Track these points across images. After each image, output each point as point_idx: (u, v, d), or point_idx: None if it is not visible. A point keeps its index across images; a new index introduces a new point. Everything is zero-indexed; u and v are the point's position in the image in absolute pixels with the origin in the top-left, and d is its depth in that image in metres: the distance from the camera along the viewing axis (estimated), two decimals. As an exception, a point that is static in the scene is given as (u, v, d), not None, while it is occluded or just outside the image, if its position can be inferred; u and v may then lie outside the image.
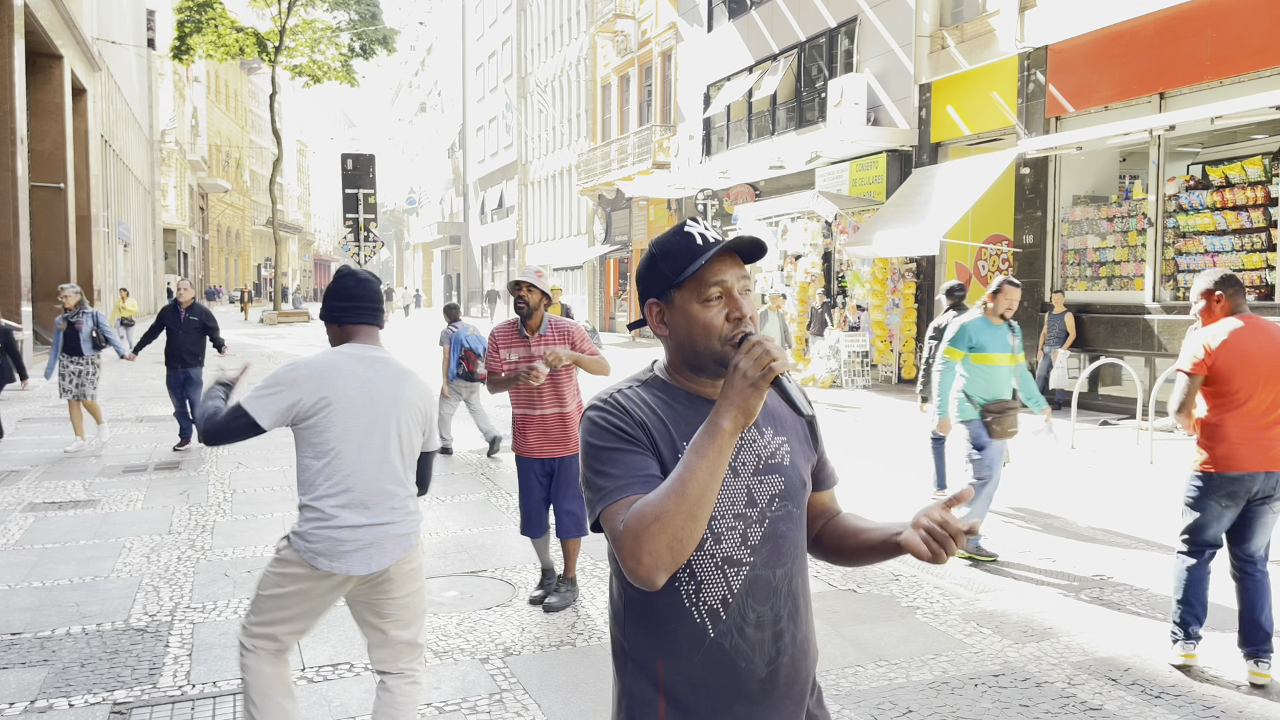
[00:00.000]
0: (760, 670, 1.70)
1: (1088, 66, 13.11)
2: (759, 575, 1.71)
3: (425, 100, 70.99)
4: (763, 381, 1.53)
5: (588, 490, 1.66)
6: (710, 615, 1.68)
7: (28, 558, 6.16)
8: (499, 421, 11.08)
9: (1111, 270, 13.26)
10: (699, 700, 1.69)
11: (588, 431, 1.69)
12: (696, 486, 1.52)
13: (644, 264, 1.77)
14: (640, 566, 1.53)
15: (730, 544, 1.69)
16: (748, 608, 1.69)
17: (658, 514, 1.52)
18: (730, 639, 1.68)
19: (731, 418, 1.54)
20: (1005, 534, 6.76)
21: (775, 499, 1.74)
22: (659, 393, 1.74)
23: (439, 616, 5.09)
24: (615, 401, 1.71)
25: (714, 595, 1.68)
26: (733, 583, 1.69)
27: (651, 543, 1.52)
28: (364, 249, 15.48)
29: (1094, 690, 4.14)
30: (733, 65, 22.76)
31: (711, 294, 1.69)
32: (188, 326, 9.98)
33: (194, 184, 55.91)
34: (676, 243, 1.72)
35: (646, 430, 1.68)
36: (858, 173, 17.96)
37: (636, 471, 1.63)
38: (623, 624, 1.76)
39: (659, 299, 1.75)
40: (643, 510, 1.54)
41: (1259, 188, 11.12)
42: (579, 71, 35.88)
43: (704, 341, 1.69)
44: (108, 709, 3.97)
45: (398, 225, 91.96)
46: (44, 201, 21.47)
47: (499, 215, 48.35)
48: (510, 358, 5.18)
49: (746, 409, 1.54)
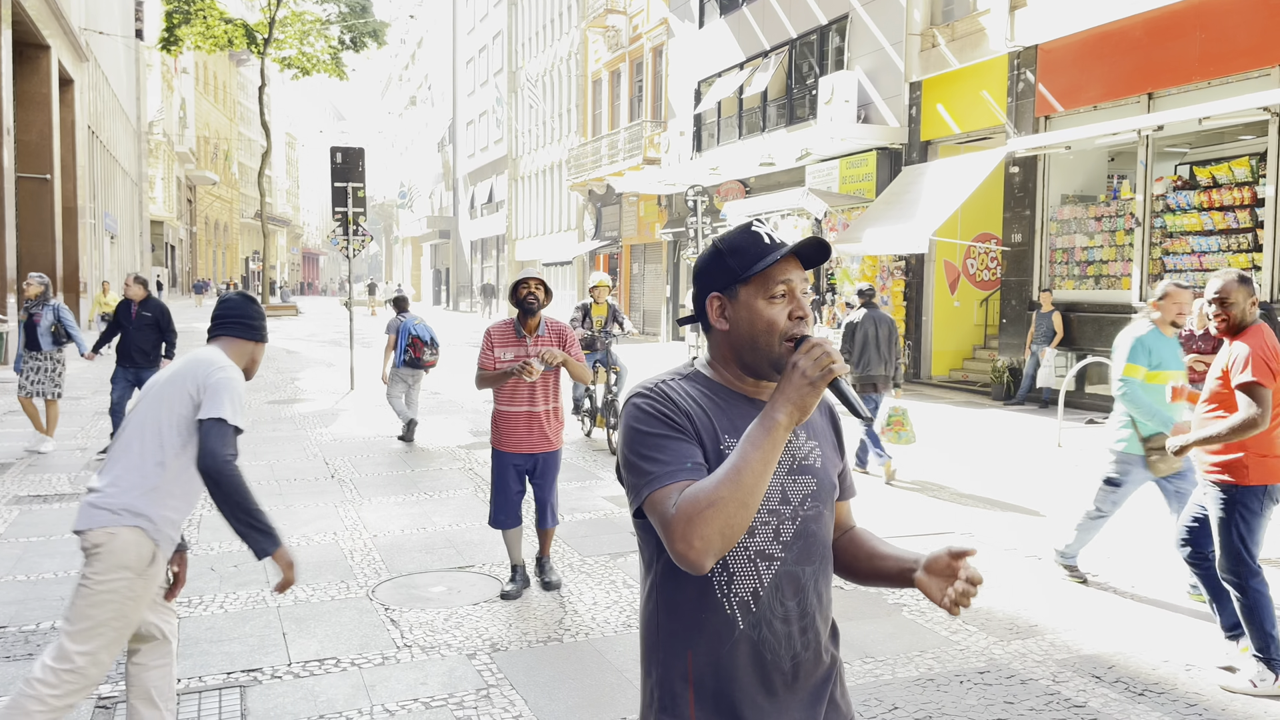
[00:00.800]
0: (785, 664, 1.74)
1: (1077, 66, 13.16)
2: (789, 571, 1.75)
3: (415, 94, 70.73)
4: (821, 381, 1.58)
5: (631, 475, 1.68)
6: (741, 607, 1.72)
7: (12, 551, 6.12)
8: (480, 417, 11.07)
9: (1099, 269, 13.32)
10: (725, 690, 1.73)
11: (634, 418, 1.72)
12: (751, 476, 1.56)
13: (708, 259, 1.81)
14: (691, 550, 1.55)
15: (763, 538, 1.73)
16: (777, 602, 1.73)
17: (712, 500, 1.55)
18: (759, 631, 1.72)
19: (787, 413, 1.59)
20: (991, 532, 6.79)
21: (808, 499, 1.78)
22: (702, 387, 1.78)
23: (426, 612, 5.09)
24: (661, 391, 1.74)
25: (745, 588, 1.72)
26: (764, 576, 1.73)
27: (704, 527, 1.54)
28: (353, 242, 15.42)
29: (1078, 688, 4.16)
30: (724, 62, 22.76)
31: (777, 291, 1.74)
32: (140, 324, 9.37)
33: (182, 176, 55.60)
34: (745, 240, 1.77)
35: (691, 420, 1.71)
36: (848, 170, 17.99)
37: (684, 458, 1.66)
38: (655, 616, 1.79)
39: (722, 293, 1.78)
40: (697, 495, 1.57)
41: (1246, 188, 11.18)
42: (570, 66, 35.82)
43: (765, 338, 1.74)
44: (92, 704, 3.95)
45: (387, 219, 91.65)
46: (30, 193, 21.31)
47: (489, 210, 48.24)
48: (505, 356, 5.23)
49: (803, 406, 1.59)
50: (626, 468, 1.71)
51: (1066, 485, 8.40)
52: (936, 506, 7.55)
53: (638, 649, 1.87)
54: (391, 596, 5.34)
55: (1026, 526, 6.97)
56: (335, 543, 6.41)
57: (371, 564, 5.94)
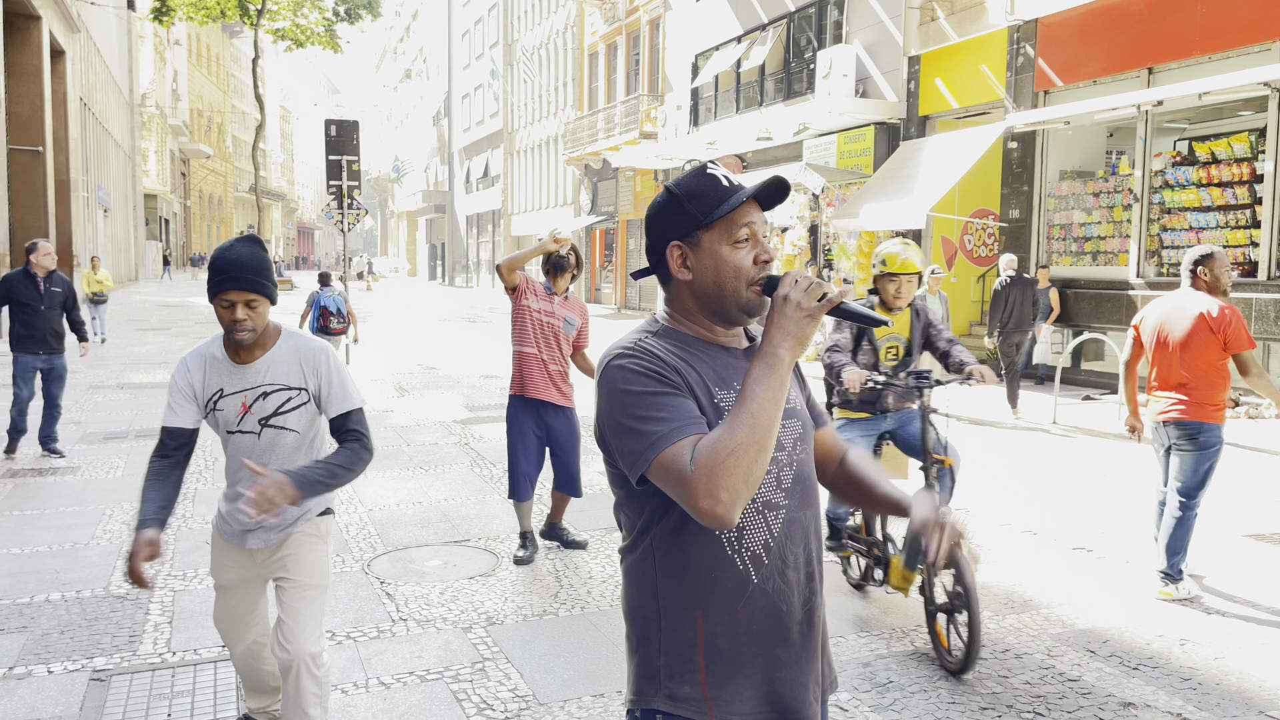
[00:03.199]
0: (798, 612, 1.72)
1: (1077, 40, 13.07)
2: (794, 517, 1.72)
3: (410, 67, 70.21)
4: (819, 310, 1.54)
5: (630, 440, 1.59)
6: (753, 561, 1.67)
7: (7, 524, 6.11)
8: (475, 392, 11.03)
9: (1097, 245, 13.29)
10: (740, 647, 1.68)
11: (621, 380, 1.63)
12: (765, 417, 1.52)
13: (662, 206, 1.73)
14: (719, 504, 1.49)
15: (768, 488, 1.69)
16: (787, 551, 1.71)
17: (731, 448, 1.49)
18: (773, 583, 1.69)
19: (788, 347, 1.55)
20: (986, 507, 6.80)
21: (797, 442, 1.76)
22: (674, 341, 1.71)
23: (422, 585, 5.09)
24: (643, 348, 1.67)
25: (756, 541, 1.68)
26: (773, 526, 1.69)
27: (728, 477, 1.48)
28: (347, 216, 15.36)
29: (1072, 662, 4.17)
30: (721, 35, 22.58)
31: (741, 235, 1.68)
32: (50, 301, 7.97)
33: (175, 149, 55.21)
34: (702, 184, 1.70)
35: (681, 375, 1.65)
36: (845, 145, 17.90)
37: (686, 414, 1.59)
38: (653, 582, 1.71)
39: (683, 241, 1.71)
40: (715, 446, 1.50)
41: (1245, 164, 11.14)
42: (566, 39, 35.53)
43: (732, 284, 1.68)
44: (87, 676, 3.95)
45: (382, 193, 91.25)
46: (22, 165, 21.15)
47: (484, 184, 48.00)
48: (533, 305, 5.46)
49: (802, 337, 1.55)
50: (620, 433, 1.62)
51: (1062, 461, 8.42)
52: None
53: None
54: (387, 570, 5.34)
55: (1021, 502, 6.98)
56: (330, 517, 6.40)
57: (367, 538, 5.93)
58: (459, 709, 3.71)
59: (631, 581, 1.76)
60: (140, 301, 29.45)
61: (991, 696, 3.84)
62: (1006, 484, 7.54)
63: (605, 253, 33.55)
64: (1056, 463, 8.35)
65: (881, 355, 4.86)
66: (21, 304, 7.85)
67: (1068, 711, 3.71)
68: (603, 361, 1.69)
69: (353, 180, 15.31)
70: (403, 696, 3.81)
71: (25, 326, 7.89)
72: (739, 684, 1.68)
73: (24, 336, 7.90)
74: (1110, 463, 8.31)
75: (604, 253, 33.66)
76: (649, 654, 1.73)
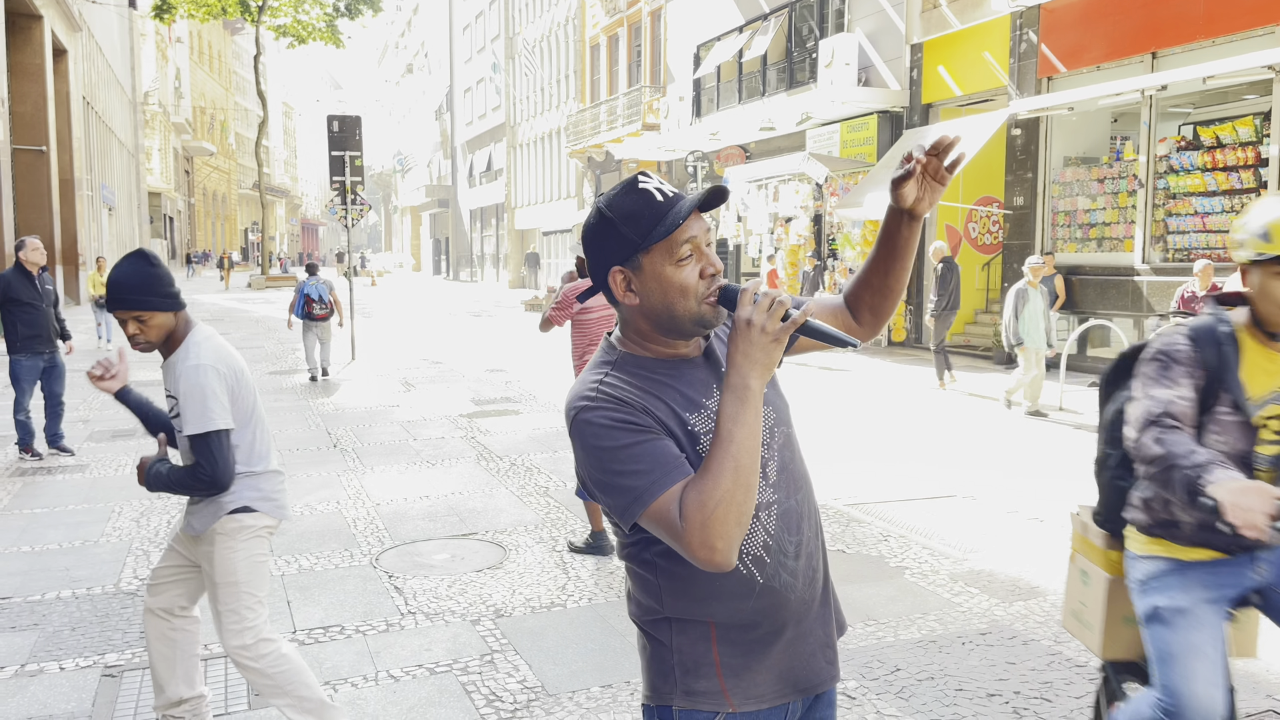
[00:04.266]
0: (805, 594, 1.73)
1: (1080, 26, 13.01)
2: (787, 508, 1.72)
3: (412, 61, 70.13)
4: (784, 333, 1.47)
5: (613, 496, 1.56)
6: (755, 563, 1.67)
7: (17, 522, 6.14)
8: (481, 385, 11.05)
9: (1102, 232, 13.25)
10: (753, 642, 1.70)
11: (593, 436, 1.58)
12: (747, 456, 1.49)
13: (596, 230, 1.64)
14: (715, 553, 1.47)
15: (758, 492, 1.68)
16: (785, 542, 1.70)
17: (719, 498, 1.47)
18: (779, 578, 1.69)
19: (757, 375, 1.49)
20: (993, 494, 6.80)
21: (775, 430, 1.73)
22: (636, 369, 1.65)
23: (430, 579, 5.11)
24: (605, 394, 1.60)
25: (755, 544, 1.67)
26: (768, 525, 1.69)
27: (721, 526, 1.47)
28: (351, 212, 15.38)
29: (1080, 648, 4.18)
30: (723, 25, 22.52)
31: (683, 253, 1.60)
32: (48, 298, 7.89)
33: (178, 147, 55.27)
34: (635, 203, 1.60)
35: (649, 414, 1.59)
36: (848, 134, 17.85)
37: (665, 460, 1.55)
38: (658, 590, 1.70)
39: (624, 265, 1.62)
40: (702, 499, 1.48)
41: (1250, 148, 11.09)
42: (567, 32, 35.46)
43: (682, 304, 1.61)
44: (99, 672, 3.97)
45: (386, 188, 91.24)
46: (26, 164, 21.20)
47: (487, 178, 47.98)
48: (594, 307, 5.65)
49: (769, 363, 1.49)
50: (603, 489, 1.59)
51: (1069, 448, 8.41)
52: (938, 470, 7.55)
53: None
54: (395, 564, 5.36)
55: (1028, 489, 6.97)
56: (338, 511, 6.43)
57: (375, 532, 5.96)
58: (468, 701, 3.73)
59: (636, 582, 1.74)
60: (146, 299, 29.50)
61: (998, 683, 3.85)
62: (1013, 471, 7.54)
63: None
64: (1062, 449, 8.34)
65: (1264, 429, 2.45)
66: (23, 303, 7.67)
67: (1074, 697, 3.72)
68: (569, 412, 1.63)
69: (356, 176, 15.31)
70: (412, 689, 3.83)
71: (29, 326, 7.70)
72: (754, 671, 1.70)
73: (30, 336, 7.72)
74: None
75: (608, 245, 33.61)
76: (662, 653, 1.72)
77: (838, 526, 6.01)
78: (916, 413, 10.19)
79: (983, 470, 7.56)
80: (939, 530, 5.95)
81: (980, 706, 3.66)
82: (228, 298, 31.98)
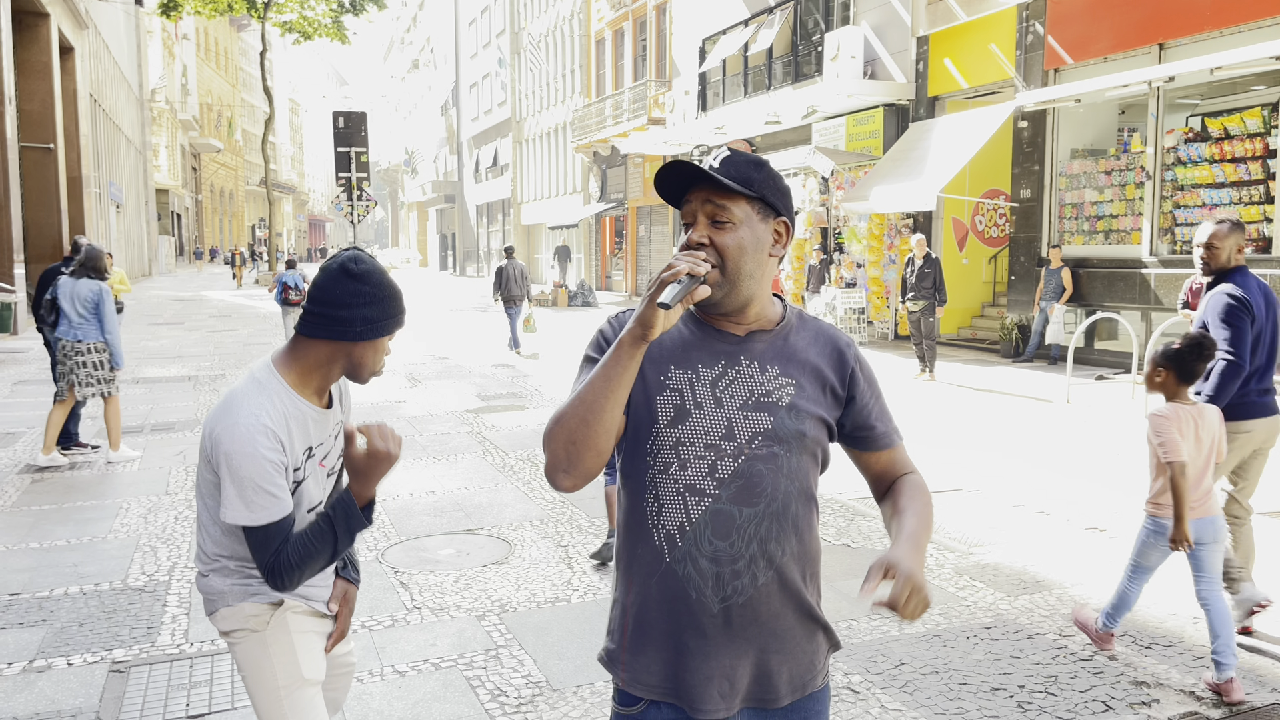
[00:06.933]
0: (713, 605, 1.69)
1: (1087, 17, 12.95)
2: (722, 510, 1.69)
3: (418, 57, 70.10)
4: (653, 292, 1.56)
5: None
6: (667, 540, 1.71)
7: (25, 519, 6.17)
8: (487, 381, 11.04)
9: (1109, 224, 13.20)
10: (654, 621, 1.73)
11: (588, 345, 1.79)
12: (591, 392, 1.60)
13: None
14: (546, 466, 1.65)
15: (695, 473, 1.70)
16: (704, 539, 1.69)
17: (559, 417, 1.63)
18: (684, 567, 1.69)
19: (629, 330, 1.59)
20: (999, 487, 6.78)
21: (759, 437, 1.70)
22: (685, 320, 1.79)
23: (436, 574, 5.12)
24: (620, 319, 1.78)
25: (672, 521, 1.70)
26: (692, 512, 1.69)
27: (552, 443, 1.63)
28: (357, 208, 15.42)
29: (1085, 642, 4.17)
30: (728, 18, 22.46)
31: (685, 218, 1.74)
32: None
33: (186, 144, 55.38)
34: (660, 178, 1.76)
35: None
36: (854, 127, 17.80)
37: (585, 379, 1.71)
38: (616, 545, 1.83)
39: None
40: (554, 414, 1.64)
41: (1258, 140, 11.03)
42: (573, 26, 35.40)
43: None
44: (106, 667, 3.99)
45: (392, 184, 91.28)
46: (34, 162, 21.25)
47: (493, 173, 47.97)
48: None
49: (642, 319, 1.57)
50: None
51: (1075, 442, 8.39)
52: (946, 463, 7.54)
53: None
54: (401, 559, 5.37)
55: (1034, 482, 6.96)
56: (344, 507, 6.44)
57: (380, 527, 5.97)
58: (473, 696, 3.74)
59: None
60: (154, 296, 29.59)
61: (1003, 677, 3.85)
62: (1019, 464, 7.53)
63: (615, 240, 33.51)
64: (1069, 443, 8.32)
65: None
66: None
67: (1080, 691, 3.71)
68: None
69: (361, 172, 15.35)
70: (417, 684, 3.85)
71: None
72: (650, 656, 1.74)
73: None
74: (1123, 443, 8.27)
75: (614, 240, 33.62)
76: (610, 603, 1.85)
77: (843, 521, 6.01)
78: (922, 406, 10.18)
79: (989, 464, 7.54)
80: (944, 524, 5.95)
81: (985, 701, 3.66)
82: (237, 294, 32.04)
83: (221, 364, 14.03)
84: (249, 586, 2.32)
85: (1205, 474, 3.87)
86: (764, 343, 1.76)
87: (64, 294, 7.45)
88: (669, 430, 1.70)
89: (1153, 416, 3.84)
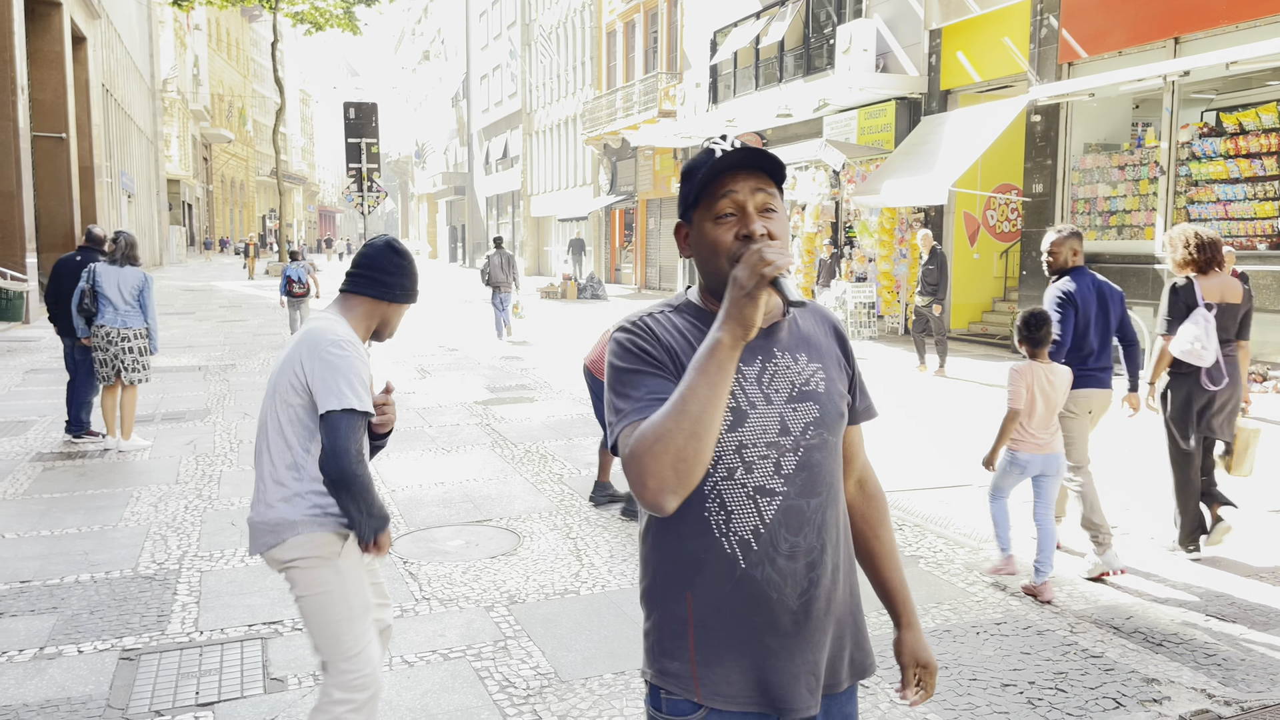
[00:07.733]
0: (792, 602, 1.67)
1: (1102, 10, 12.86)
2: (792, 505, 1.66)
3: (429, 48, 70.08)
4: (757, 289, 1.46)
5: (610, 413, 1.64)
6: (742, 546, 1.64)
7: (36, 507, 6.20)
8: (496, 373, 11.05)
9: (1122, 219, 13.13)
10: (729, 630, 1.67)
11: (613, 353, 1.66)
12: (696, 404, 1.47)
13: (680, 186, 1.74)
14: (646, 490, 1.49)
15: (763, 473, 1.65)
16: (780, 538, 1.65)
17: (659, 434, 1.48)
18: (762, 570, 1.65)
19: (729, 330, 1.49)
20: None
21: (810, 427, 1.69)
22: (690, 317, 1.71)
23: (444, 565, 5.13)
24: (643, 324, 1.68)
25: (745, 526, 1.65)
26: (765, 513, 1.65)
27: (654, 464, 1.47)
28: (367, 199, 15.43)
29: (1095, 638, 4.16)
30: (740, 11, 22.38)
31: (722, 209, 1.63)
32: None
33: (197, 134, 55.48)
34: (696, 161, 1.67)
35: (673, 355, 1.64)
36: (866, 121, 17.73)
37: (655, 394, 1.58)
38: (651, 557, 1.73)
39: (684, 220, 1.72)
40: (645, 432, 1.50)
41: (1273, 135, 10.95)
42: (583, 18, 35.34)
43: (714, 263, 1.64)
44: (116, 655, 4.01)
45: (403, 176, 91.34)
46: (46, 151, 21.31)
47: (504, 165, 47.95)
48: None
49: (742, 319, 1.48)
50: (606, 406, 1.66)
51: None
52: (956, 458, 7.52)
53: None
54: (409, 550, 5.38)
55: (1045, 479, 6.92)
56: (354, 497, 6.45)
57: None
58: (481, 687, 3.74)
59: (641, 560, 1.78)
60: (164, 286, 29.67)
61: (1013, 673, 3.83)
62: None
63: (625, 233, 33.48)
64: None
65: None
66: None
67: (1090, 688, 3.70)
68: (613, 332, 1.72)
69: (372, 163, 15.38)
70: (426, 675, 3.85)
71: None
72: (727, 666, 1.67)
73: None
74: (1132, 440, 8.23)
75: (624, 233, 33.59)
76: (650, 628, 1.75)
77: (852, 515, 5.99)
78: (932, 400, 10.14)
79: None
80: (954, 519, 5.93)
81: (994, 696, 3.64)
82: (247, 285, 32.11)
83: (232, 354, 14.06)
84: (321, 517, 2.67)
85: (1051, 418, 4.71)
86: (784, 332, 1.73)
87: (108, 282, 7.50)
88: (730, 435, 1.63)
89: (1010, 369, 4.74)
